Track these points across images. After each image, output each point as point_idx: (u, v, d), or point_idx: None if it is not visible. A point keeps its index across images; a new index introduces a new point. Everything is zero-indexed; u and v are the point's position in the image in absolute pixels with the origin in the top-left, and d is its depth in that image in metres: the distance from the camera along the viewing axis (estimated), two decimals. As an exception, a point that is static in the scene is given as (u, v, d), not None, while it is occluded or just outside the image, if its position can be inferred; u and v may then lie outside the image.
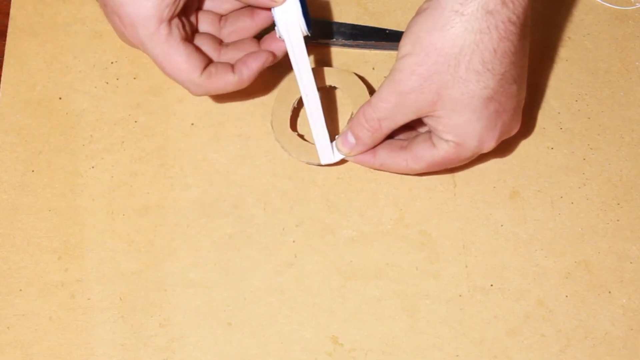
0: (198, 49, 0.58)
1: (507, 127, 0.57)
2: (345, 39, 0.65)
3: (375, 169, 0.61)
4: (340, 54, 0.65)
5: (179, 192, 0.61)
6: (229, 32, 0.61)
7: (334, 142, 0.60)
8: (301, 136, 0.61)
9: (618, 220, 0.61)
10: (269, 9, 0.57)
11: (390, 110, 0.55)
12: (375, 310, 0.58)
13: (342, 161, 0.61)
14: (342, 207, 0.61)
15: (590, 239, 0.61)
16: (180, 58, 0.55)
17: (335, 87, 0.63)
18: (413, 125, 0.59)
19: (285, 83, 0.63)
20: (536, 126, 0.64)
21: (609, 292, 0.59)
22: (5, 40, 0.65)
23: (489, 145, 0.56)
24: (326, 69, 0.62)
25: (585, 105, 0.65)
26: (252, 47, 0.59)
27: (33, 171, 0.62)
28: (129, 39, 0.56)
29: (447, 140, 0.56)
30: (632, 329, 0.58)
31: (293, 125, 0.62)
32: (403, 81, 0.54)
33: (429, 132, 0.57)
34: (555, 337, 0.58)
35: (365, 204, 0.61)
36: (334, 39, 0.65)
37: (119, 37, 0.58)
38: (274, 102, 0.62)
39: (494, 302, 0.59)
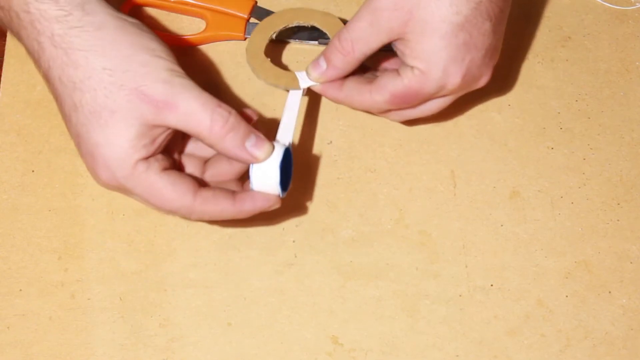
0: (182, 174, 0.54)
1: (475, 69, 0.56)
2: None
3: (339, 103, 0.60)
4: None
5: (179, 192, 0.61)
6: (211, 175, 0.57)
7: (304, 71, 0.59)
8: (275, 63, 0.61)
9: (618, 220, 0.61)
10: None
11: (364, 30, 0.55)
12: (375, 310, 0.58)
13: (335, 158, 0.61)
14: (342, 207, 0.61)
15: (590, 239, 0.61)
16: (165, 188, 0.52)
17: (316, 28, 0.62)
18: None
19: (268, 19, 0.63)
20: (536, 126, 0.64)
21: (609, 292, 0.59)
22: (5, 40, 0.65)
23: (454, 80, 0.55)
24: (307, 10, 0.62)
25: (585, 105, 0.65)
26: (233, 186, 0.56)
27: (33, 171, 0.62)
28: (104, 181, 0.52)
29: (412, 68, 0.55)
30: (632, 329, 0.58)
31: (267, 52, 0.61)
32: None
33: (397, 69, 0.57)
34: (555, 337, 0.58)
35: (365, 204, 0.61)
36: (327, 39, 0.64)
37: (94, 179, 0.53)
38: (253, 32, 0.62)
39: (494, 302, 0.59)
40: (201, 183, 0.55)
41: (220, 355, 0.57)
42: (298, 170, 0.62)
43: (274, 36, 0.62)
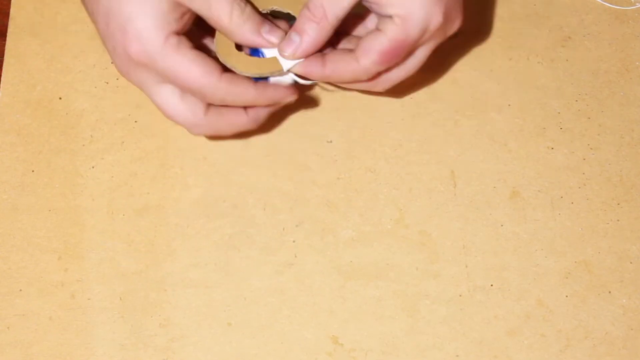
0: (209, 56, 0.55)
1: (452, 8, 0.54)
2: None
3: (326, 82, 0.58)
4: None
5: (179, 192, 0.61)
6: None
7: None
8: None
9: (618, 220, 0.61)
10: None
11: None
12: (375, 310, 0.58)
13: (343, 163, 0.61)
14: (342, 207, 0.61)
15: (590, 239, 0.61)
16: (195, 64, 0.53)
17: (284, 11, 0.60)
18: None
19: None
20: (536, 126, 0.64)
21: (609, 292, 0.59)
22: (5, 40, 0.65)
23: (437, 20, 0.54)
24: None
25: (585, 105, 0.65)
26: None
27: (33, 171, 0.62)
28: (133, 56, 0.53)
29: (391, 17, 0.53)
30: (632, 329, 0.58)
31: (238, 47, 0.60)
32: None
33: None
34: (555, 337, 0.58)
35: (365, 204, 0.61)
36: None
37: (118, 66, 0.55)
38: (217, 31, 0.61)
39: (494, 302, 0.59)
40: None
41: (220, 355, 0.57)
42: (298, 170, 0.62)
43: None
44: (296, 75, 0.56)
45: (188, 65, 0.53)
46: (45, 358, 0.57)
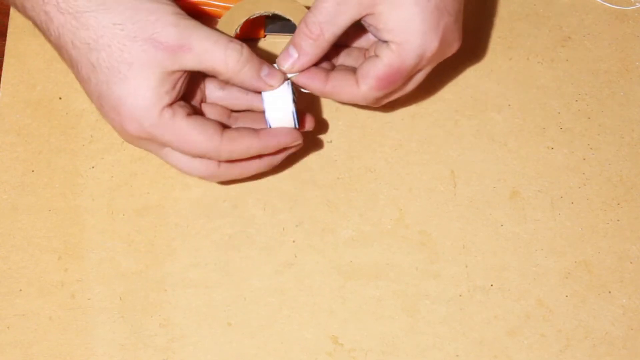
0: (206, 118, 0.55)
1: (449, 34, 0.55)
2: None
3: (323, 96, 0.58)
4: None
5: (179, 192, 0.61)
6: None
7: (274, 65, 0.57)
8: None
9: (618, 220, 0.61)
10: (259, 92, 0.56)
11: (332, 10, 0.54)
12: (375, 310, 0.58)
13: (342, 165, 0.61)
14: (342, 207, 0.61)
15: (590, 239, 0.61)
16: (193, 131, 0.53)
17: (279, 15, 0.61)
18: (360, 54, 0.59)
19: (227, 14, 0.62)
20: (536, 126, 0.64)
21: (609, 292, 0.59)
22: (5, 40, 0.65)
23: (432, 46, 0.54)
24: None
25: (585, 105, 0.65)
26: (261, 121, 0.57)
27: (33, 171, 0.62)
28: (132, 134, 0.53)
29: (388, 43, 0.54)
30: (632, 329, 0.58)
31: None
32: None
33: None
34: (555, 337, 0.58)
35: (365, 204, 0.61)
36: None
37: (121, 136, 0.55)
38: (218, 24, 0.61)
39: (494, 302, 0.59)
40: (225, 127, 0.56)
41: (220, 355, 0.57)
42: (298, 170, 0.62)
43: (237, 30, 0.61)
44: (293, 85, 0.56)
45: (187, 134, 0.53)
46: (45, 358, 0.57)
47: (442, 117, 0.63)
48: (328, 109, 0.64)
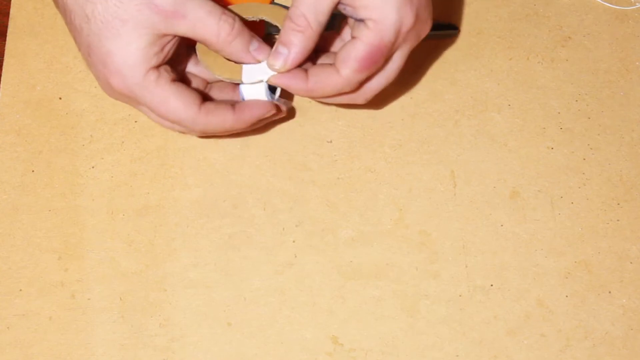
0: (189, 87, 0.56)
1: (423, 10, 0.55)
2: None
3: (307, 96, 0.57)
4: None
5: (179, 192, 0.61)
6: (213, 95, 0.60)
7: (262, 63, 0.57)
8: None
9: (618, 220, 0.61)
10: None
11: None
12: (375, 310, 0.58)
13: (338, 163, 0.61)
14: (342, 207, 0.61)
15: (590, 239, 0.61)
16: (174, 98, 0.55)
17: (267, 21, 0.60)
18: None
19: None
20: (536, 126, 0.64)
21: (609, 292, 0.59)
22: (5, 40, 0.65)
23: (408, 20, 0.54)
24: (257, 5, 0.61)
25: (585, 105, 0.65)
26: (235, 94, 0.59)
27: (33, 171, 0.62)
28: (115, 88, 0.55)
29: (365, 22, 0.54)
30: (632, 329, 0.58)
31: None
32: None
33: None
34: (555, 337, 0.58)
35: (365, 204, 0.61)
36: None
37: (102, 88, 0.56)
38: None
39: (494, 302, 0.59)
40: (205, 98, 0.57)
41: (220, 355, 0.57)
42: (298, 170, 0.62)
43: None
44: (269, 88, 0.57)
45: (167, 99, 0.54)
46: (45, 358, 0.57)
47: (442, 117, 0.63)
48: (328, 109, 0.64)
